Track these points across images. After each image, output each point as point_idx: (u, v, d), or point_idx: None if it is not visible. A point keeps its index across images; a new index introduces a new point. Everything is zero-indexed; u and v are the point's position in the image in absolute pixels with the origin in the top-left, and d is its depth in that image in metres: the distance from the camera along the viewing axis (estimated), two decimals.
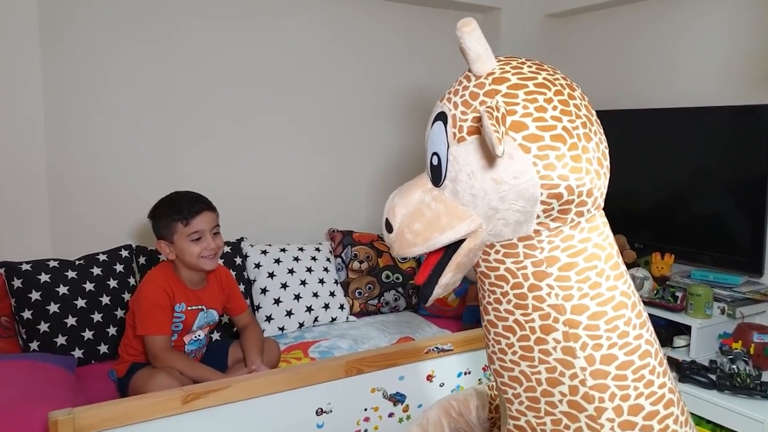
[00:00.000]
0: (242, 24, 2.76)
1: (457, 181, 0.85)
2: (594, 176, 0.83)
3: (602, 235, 0.87)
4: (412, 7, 3.19)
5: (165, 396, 1.36)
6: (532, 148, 0.79)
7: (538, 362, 0.86)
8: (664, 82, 2.96)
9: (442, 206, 0.88)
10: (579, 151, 0.81)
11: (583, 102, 0.86)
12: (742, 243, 2.52)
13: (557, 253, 0.84)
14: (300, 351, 2.35)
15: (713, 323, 2.47)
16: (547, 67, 0.87)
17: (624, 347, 0.84)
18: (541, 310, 0.85)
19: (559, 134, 0.80)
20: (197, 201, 1.99)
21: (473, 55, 0.84)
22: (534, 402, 0.88)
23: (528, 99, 0.81)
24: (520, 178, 0.80)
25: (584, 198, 0.83)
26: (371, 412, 1.64)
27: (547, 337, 0.85)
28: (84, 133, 2.49)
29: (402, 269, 2.93)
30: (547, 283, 0.84)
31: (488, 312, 0.92)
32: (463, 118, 0.85)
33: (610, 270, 0.86)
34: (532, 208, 0.82)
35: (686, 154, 2.71)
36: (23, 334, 2.14)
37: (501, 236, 0.86)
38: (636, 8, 3.04)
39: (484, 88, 0.84)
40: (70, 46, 2.42)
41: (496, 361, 0.92)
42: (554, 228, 0.84)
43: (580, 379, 0.84)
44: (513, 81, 0.82)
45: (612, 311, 0.84)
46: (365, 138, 3.17)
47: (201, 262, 1.96)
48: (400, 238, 0.91)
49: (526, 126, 0.80)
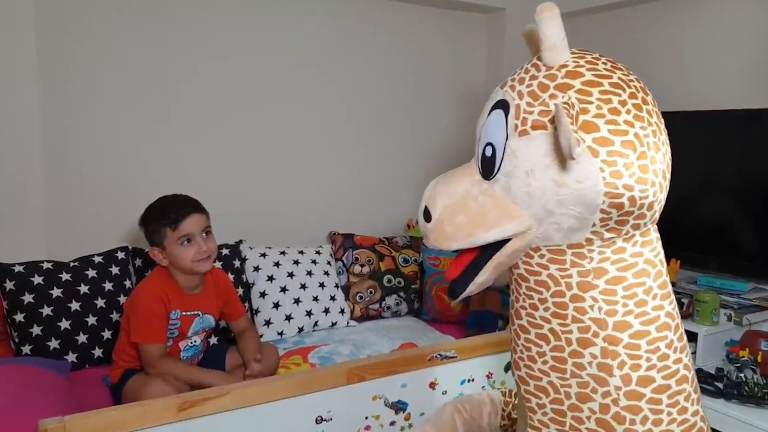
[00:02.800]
0: (241, 24, 2.73)
1: (512, 176, 0.79)
2: (657, 189, 0.79)
3: (654, 250, 0.83)
4: (417, 8, 3.16)
5: (160, 404, 1.32)
6: (601, 152, 0.74)
7: (570, 375, 0.82)
8: (671, 85, 2.92)
9: (490, 201, 0.81)
10: (647, 161, 0.77)
11: (654, 109, 0.81)
12: (750, 249, 2.49)
13: (606, 265, 0.80)
14: (299, 356, 2.31)
15: (720, 330, 2.43)
16: (621, 66, 0.82)
17: (663, 370, 0.80)
18: (581, 323, 0.80)
19: (630, 140, 0.75)
20: (184, 204, 1.95)
21: (549, 43, 0.78)
22: (560, 415, 0.84)
23: (602, 99, 0.76)
24: (583, 182, 0.75)
25: (644, 211, 0.78)
26: (372, 421, 1.60)
27: (584, 351, 0.81)
28: (80, 134, 2.45)
29: (404, 273, 2.89)
30: (591, 295, 0.80)
31: (521, 316, 0.87)
32: (528, 110, 0.78)
33: (658, 288, 0.82)
34: (590, 215, 0.77)
35: (693, 158, 2.67)
36: (15, 337, 2.09)
37: (550, 241, 0.81)
38: (643, 10, 3.01)
39: (555, 80, 0.78)
40: (67, 47, 2.38)
41: (522, 368, 0.88)
42: (607, 238, 0.79)
43: (612, 398, 0.80)
44: (588, 77, 0.77)
45: (655, 332, 0.80)
46: (367, 140, 3.13)
47: (195, 265, 1.92)
48: (439, 229, 0.85)
49: (597, 127, 0.75)
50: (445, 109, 3.31)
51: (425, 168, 3.23)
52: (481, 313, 2.63)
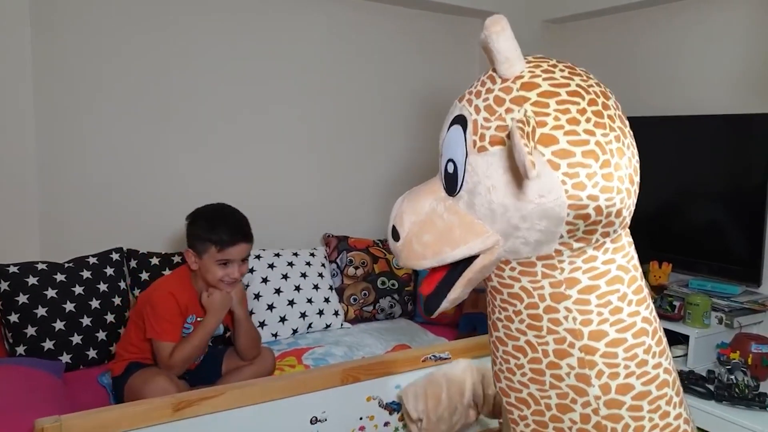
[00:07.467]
0: (239, 25, 2.73)
1: (474, 193, 0.78)
2: (625, 195, 0.77)
3: (627, 256, 0.81)
4: (409, 12, 3.17)
5: (155, 404, 1.33)
6: (561, 164, 0.73)
7: (548, 387, 0.82)
8: (662, 90, 2.95)
9: (455, 218, 0.81)
10: (611, 168, 0.75)
11: (617, 111, 0.80)
12: (740, 252, 2.51)
13: (578, 274, 0.78)
14: (294, 358, 2.32)
15: (711, 333, 2.46)
16: (579, 70, 0.81)
17: (642, 377, 0.79)
18: (556, 334, 0.79)
19: (591, 150, 0.74)
20: (238, 230, 1.97)
21: (501, 57, 0.76)
22: (541, 426, 0.84)
23: (560, 109, 0.74)
24: (546, 197, 0.74)
25: (612, 218, 0.77)
26: (366, 421, 1.60)
27: (561, 362, 0.80)
28: (75, 135, 2.44)
29: (398, 276, 2.90)
30: (564, 306, 0.79)
31: (497, 328, 0.86)
32: (485, 125, 0.77)
33: (632, 294, 0.80)
34: (555, 228, 0.75)
35: (685, 163, 2.70)
36: (9, 338, 2.09)
37: (519, 254, 0.79)
38: (635, 15, 3.04)
39: (511, 93, 0.76)
40: (61, 47, 2.38)
41: (503, 380, 0.88)
42: (577, 248, 0.78)
43: (593, 408, 0.79)
44: (544, 87, 0.75)
45: (632, 338, 0.79)
46: (362, 143, 3.14)
47: (220, 285, 1.95)
48: (408, 248, 0.84)
49: (556, 140, 0.73)
50: (440, 112, 3.32)
51: (420, 170, 3.24)
52: (474, 315, 2.64)
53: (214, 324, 1.94)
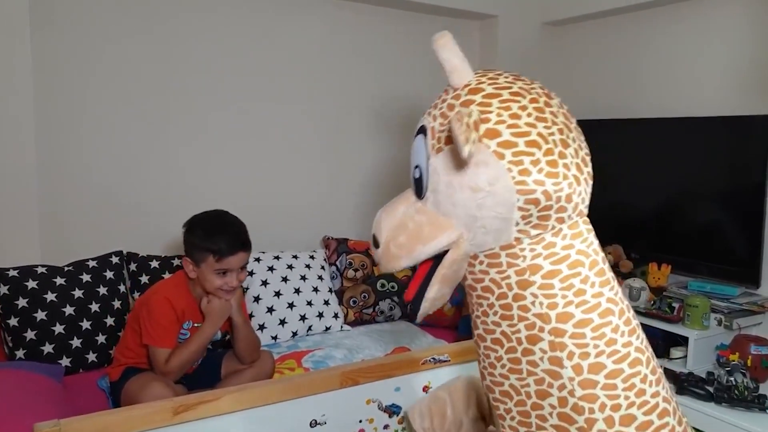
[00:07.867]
0: (237, 27, 2.74)
1: (437, 191, 0.86)
2: (573, 181, 0.82)
3: (586, 241, 0.86)
4: (408, 15, 3.18)
5: (154, 407, 1.32)
6: (506, 154, 0.80)
7: (526, 374, 0.85)
8: (661, 92, 2.95)
9: (424, 218, 0.88)
10: (555, 156, 0.81)
11: (560, 110, 0.86)
12: (739, 254, 2.51)
13: (540, 261, 0.84)
14: (293, 361, 2.32)
15: (710, 335, 2.46)
16: (524, 78, 0.88)
17: (612, 355, 0.83)
18: (527, 320, 0.84)
19: (533, 140, 0.81)
20: (236, 240, 1.95)
21: (449, 67, 0.86)
22: (525, 416, 0.87)
23: (502, 107, 0.82)
24: (495, 184, 0.80)
25: (563, 204, 0.82)
26: (366, 424, 1.60)
27: (534, 348, 0.84)
28: (75, 137, 2.45)
29: (398, 278, 2.90)
30: (530, 292, 0.83)
31: (477, 326, 0.91)
32: (441, 129, 0.86)
33: (594, 276, 0.85)
34: (509, 214, 0.82)
35: (683, 164, 2.70)
36: (9, 341, 2.09)
37: (483, 246, 0.86)
38: (634, 17, 3.05)
39: (460, 99, 0.85)
40: (61, 49, 2.39)
41: (487, 376, 0.91)
42: (535, 235, 0.84)
43: (568, 390, 0.82)
44: (488, 90, 0.84)
45: (598, 318, 0.83)
46: (361, 145, 3.14)
47: (218, 293, 1.95)
48: (387, 252, 0.91)
49: (499, 133, 0.80)
50: None
51: None
52: None
53: (211, 332, 1.93)
